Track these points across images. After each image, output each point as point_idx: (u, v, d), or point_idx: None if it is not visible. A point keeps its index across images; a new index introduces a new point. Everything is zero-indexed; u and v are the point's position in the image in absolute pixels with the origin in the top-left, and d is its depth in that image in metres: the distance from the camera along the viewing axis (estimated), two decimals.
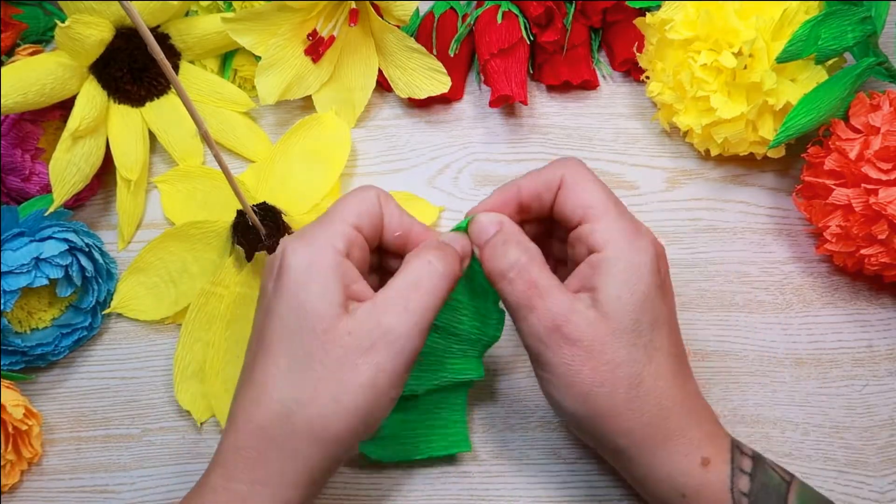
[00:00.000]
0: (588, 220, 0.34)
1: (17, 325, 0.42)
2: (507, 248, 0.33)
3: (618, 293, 0.32)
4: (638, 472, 0.34)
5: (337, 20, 0.47)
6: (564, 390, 0.32)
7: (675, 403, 0.33)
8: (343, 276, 0.32)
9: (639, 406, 0.32)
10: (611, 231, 0.33)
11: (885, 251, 0.40)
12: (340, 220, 0.33)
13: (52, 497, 0.42)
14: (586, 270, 0.33)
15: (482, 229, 0.34)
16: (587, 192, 0.34)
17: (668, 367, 0.33)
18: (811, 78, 0.42)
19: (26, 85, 0.42)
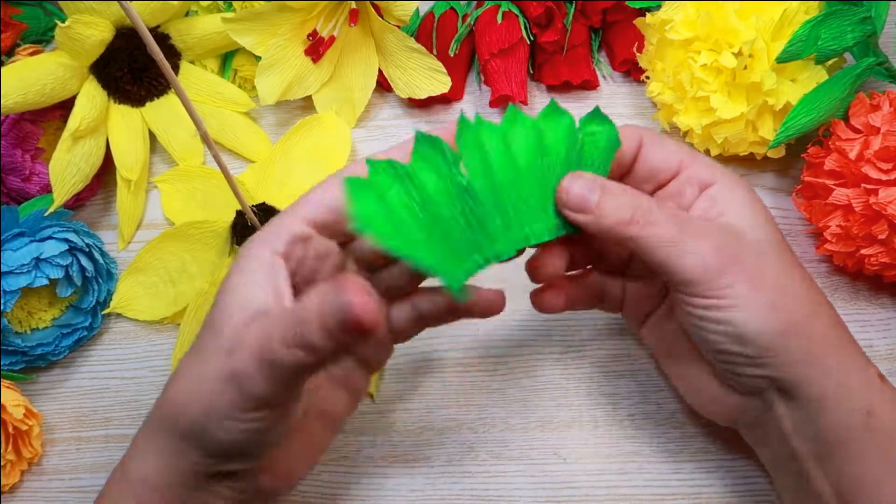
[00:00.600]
0: (686, 165, 0.34)
1: (17, 325, 0.42)
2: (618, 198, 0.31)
3: (750, 211, 0.33)
4: (826, 389, 0.31)
5: (337, 20, 0.47)
6: (752, 308, 0.31)
7: (838, 314, 0.33)
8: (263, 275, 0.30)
9: (815, 311, 0.32)
10: (713, 168, 0.34)
11: (885, 251, 0.40)
12: (293, 214, 0.31)
13: (52, 497, 0.42)
14: (705, 203, 0.33)
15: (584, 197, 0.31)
16: (672, 145, 0.34)
17: (811, 279, 0.34)
18: (811, 78, 0.42)
19: (26, 85, 0.42)
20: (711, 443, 0.41)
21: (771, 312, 0.31)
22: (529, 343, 0.44)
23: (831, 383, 0.31)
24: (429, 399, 0.43)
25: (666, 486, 0.40)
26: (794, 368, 0.31)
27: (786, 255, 0.33)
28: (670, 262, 0.31)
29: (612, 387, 0.42)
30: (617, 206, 0.31)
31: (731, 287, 0.31)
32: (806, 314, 0.32)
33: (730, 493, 0.39)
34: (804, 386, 0.31)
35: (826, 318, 0.33)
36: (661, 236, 0.31)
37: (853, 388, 0.31)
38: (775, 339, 0.31)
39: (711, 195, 0.33)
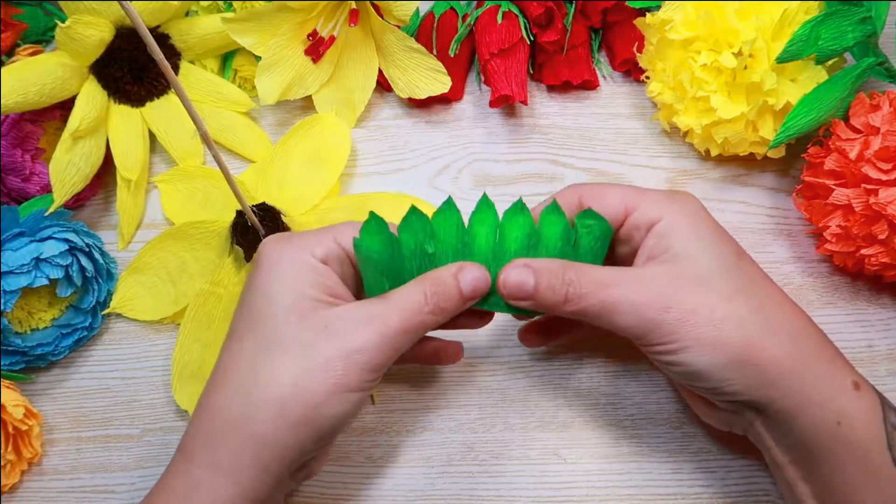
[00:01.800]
0: (632, 208, 0.34)
1: (17, 325, 0.42)
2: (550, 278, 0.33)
3: (695, 238, 0.33)
4: (792, 404, 0.32)
5: (337, 20, 0.47)
6: (696, 348, 0.31)
7: (807, 324, 0.33)
8: (317, 273, 0.33)
9: (773, 328, 0.32)
10: (659, 202, 0.34)
11: (885, 251, 0.40)
12: (330, 235, 0.34)
13: (52, 497, 0.42)
14: (653, 242, 0.34)
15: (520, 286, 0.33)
16: (614, 192, 0.35)
17: (779, 291, 0.34)
18: (811, 78, 0.42)
19: (26, 85, 0.42)
20: (711, 443, 0.41)
21: (713, 349, 0.32)
22: None
23: (794, 399, 0.32)
24: (429, 399, 0.43)
25: (666, 486, 0.40)
26: (754, 392, 0.32)
27: (736, 277, 0.33)
28: (611, 325, 0.33)
29: (612, 387, 0.42)
30: (551, 287, 0.33)
31: (671, 332, 0.32)
32: (755, 339, 0.32)
33: (730, 493, 0.39)
34: (771, 405, 0.32)
35: (784, 335, 0.32)
36: (594, 308, 0.32)
37: (821, 400, 0.32)
38: (725, 370, 0.32)
39: (657, 233, 0.34)
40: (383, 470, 0.41)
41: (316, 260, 0.33)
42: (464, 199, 0.48)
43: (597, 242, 0.35)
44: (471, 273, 0.34)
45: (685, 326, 0.32)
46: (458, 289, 0.33)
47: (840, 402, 0.32)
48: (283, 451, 0.31)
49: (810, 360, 0.32)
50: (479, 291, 0.34)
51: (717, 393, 0.33)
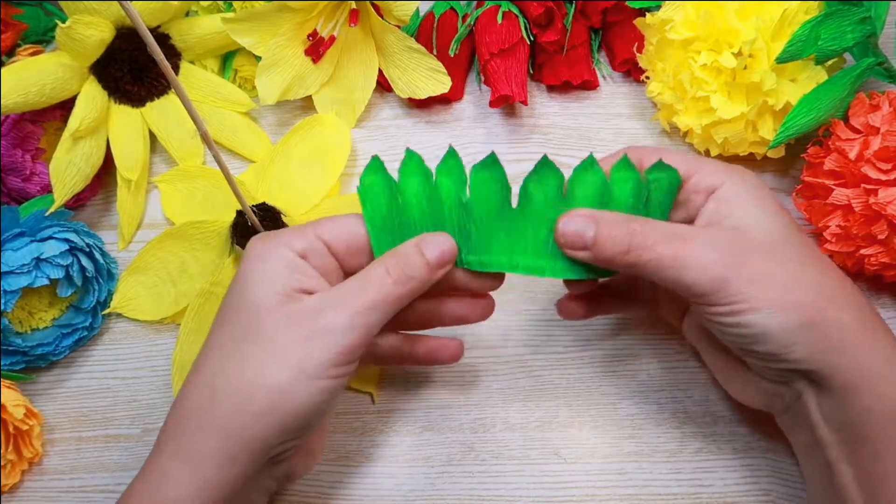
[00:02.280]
0: (692, 173, 0.34)
1: (17, 325, 0.43)
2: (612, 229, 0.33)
3: (757, 208, 0.33)
4: (854, 377, 0.31)
5: (337, 20, 0.48)
6: (765, 309, 0.31)
7: (866, 301, 0.33)
8: (295, 270, 0.33)
9: (842, 297, 0.32)
10: (719, 171, 0.34)
11: (884, 251, 0.40)
12: (311, 230, 0.34)
13: (52, 497, 0.42)
14: (713, 207, 0.34)
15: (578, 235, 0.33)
16: (677, 157, 0.35)
17: (837, 268, 0.33)
18: (811, 78, 0.42)
19: (27, 85, 0.42)
20: (711, 443, 0.41)
21: (784, 310, 0.31)
22: (529, 343, 0.44)
23: (859, 371, 0.31)
24: (429, 399, 0.43)
25: (666, 486, 0.40)
26: (818, 359, 0.31)
27: (796, 247, 0.33)
28: (676, 281, 0.32)
29: (612, 387, 0.42)
30: (612, 237, 0.32)
31: (740, 292, 0.31)
32: (822, 305, 0.31)
33: (730, 493, 0.39)
34: (833, 375, 0.31)
35: (847, 306, 0.32)
36: (660, 259, 0.32)
37: (883, 376, 0.31)
38: (794, 334, 0.31)
39: (717, 198, 0.34)
40: (383, 470, 0.41)
41: (293, 254, 0.33)
42: None
43: (665, 196, 0.34)
44: (433, 238, 0.34)
45: (757, 286, 0.31)
46: (422, 254, 0.33)
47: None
48: (248, 442, 0.31)
49: (878, 334, 0.32)
50: (447, 256, 0.34)
51: (778, 359, 0.32)
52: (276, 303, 0.32)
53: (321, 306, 0.32)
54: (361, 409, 0.43)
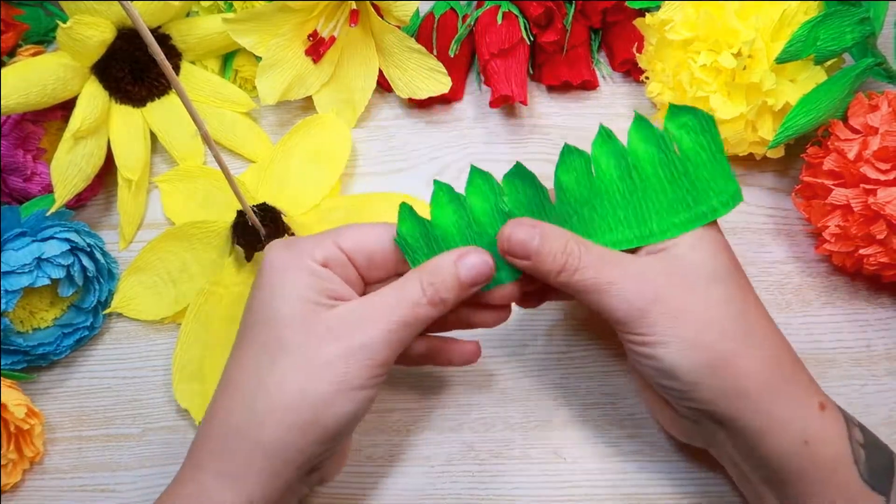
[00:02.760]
0: None
1: (18, 324, 0.43)
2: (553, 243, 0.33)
3: (699, 240, 0.33)
4: (759, 422, 0.32)
5: (337, 21, 0.48)
6: (676, 345, 0.32)
7: (785, 345, 0.33)
8: (317, 276, 0.33)
9: (753, 342, 0.32)
10: None
11: (883, 251, 0.40)
12: (330, 239, 0.34)
13: (53, 496, 0.42)
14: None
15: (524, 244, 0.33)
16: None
17: (763, 309, 0.34)
18: (810, 78, 0.42)
19: (28, 85, 0.42)
20: None
21: (693, 349, 0.32)
22: (529, 343, 0.44)
23: (762, 416, 0.32)
24: (429, 399, 0.43)
25: (666, 486, 0.40)
26: (723, 402, 0.32)
27: (726, 286, 0.33)
28: (599, 305, 0.33)
29: (612, 387, 0.42)
30: (552, 253, 0.33)
31: (656, 325, 0.32)
32: (734, 349, 0.32)
33: (730, 492, 0.39)
34: (737, 419, 0.32)
35: (761, 350, 0.32)
36: (587, 282, 0.32)
37: (787, 419, 0.32)
38: (700, 374, 0.32)
39: None
40: (383, 470, 0.41)
41: (316, 263, 0.33)
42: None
43: (704, 137, 0.34)
44: (471, 259, 0.33)
45: (669, 321, 0.32)
46: (457, 277, 0.33)
47: (807, 422, 0.32)
48: (292, 455, 0.31)
49: (784, 379, 0.33)
50: (482, 277, 0.34)
51: (686, 397, 0.33)
52: (308, 312, 0.32)
53: (357, 318, 0.32)
54: None
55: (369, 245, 0.34)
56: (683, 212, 0.34)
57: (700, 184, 0.34)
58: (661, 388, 0.34)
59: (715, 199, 0.34)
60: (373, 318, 0.32)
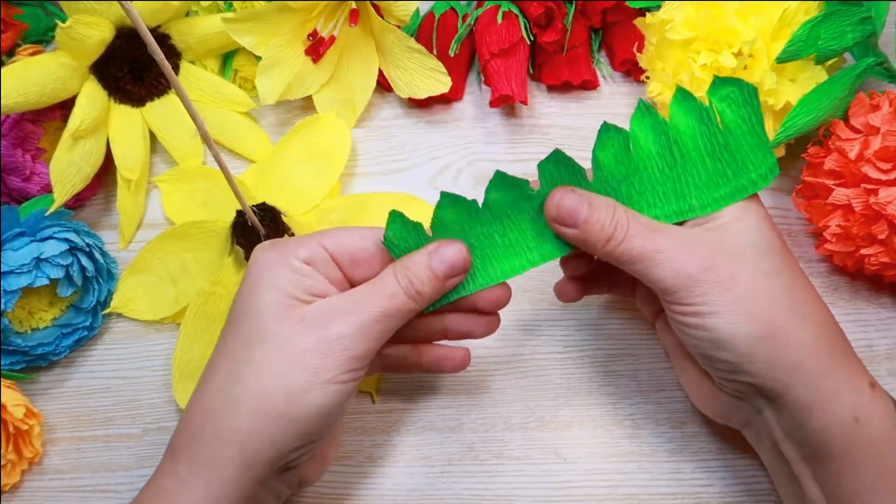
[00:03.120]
0: None
1: (17, 324, 0.43)
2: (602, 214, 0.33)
3: (746, 212, 0.33)
4: (810, 396, 0.31)
5: (337, 20, 0.48)
6: (728, 314, 0.31)
7: (832, 319, 0.33)
8: (298, 273, 0.33)
9: (804, 315, 0.32)
10: None
11: (884, 251, 0.40)
12: (315, 239, 0.34)
13: (52, 496, 0.42)
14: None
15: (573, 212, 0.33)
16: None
17: (811, 284, 0.33)
18: (811, 78, 0.42)
19: (27, 85, 0.42)
20: (711, 443, 0.41)
21: (747, 319, 0.31)
22: (529, 343, 0.44)
23: (814, 390, 0.31)
24: (429, 399, 0.43)
25: (666, 486, 0.40)
26: (775, 375, 0.32)
27: (774, 259, 0.33)
28: (647, 274, 0.32)
29: (612, 387, 0.42)
30: (600, 222, 0.33)
31: (707, 294, 0.31)
32: (785, 321, 0.32)
33: (730, 493, 0.39)
34: (788, 393, 0.32)
35: (812, 324, 0.32)
36: (635, 251, 0.32)
37: (839, 395, 0.31)
38: (753, 345, 0.31)
39: None
40: (383, 470, 0.41)
41: (298, 261, 0.33)
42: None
43: (746, 109, 0.33)
44: (446, 251, 0.33)
45: (722, 290, 0.31)
46: (431, 268, 0.33)
47: (858, 399, 0.31)
48: (264, 447, 0.31)
49: (834, 354, 0.32)
50: (456, 270, 0.34)
51: (737, 370, 0.32)
52: (287, 306, 0.32)
53: (333, 310, 0.32)
54: (361, 409, 0.43)
55: (353, 245, 0.34)
56: (723, 185, 0.34)
57: (740, 156, 0.34)
58: (708, 362, 0.33)
59: (754, 171, 0.34)
60: (349, 310, 0.32)
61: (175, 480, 0.31)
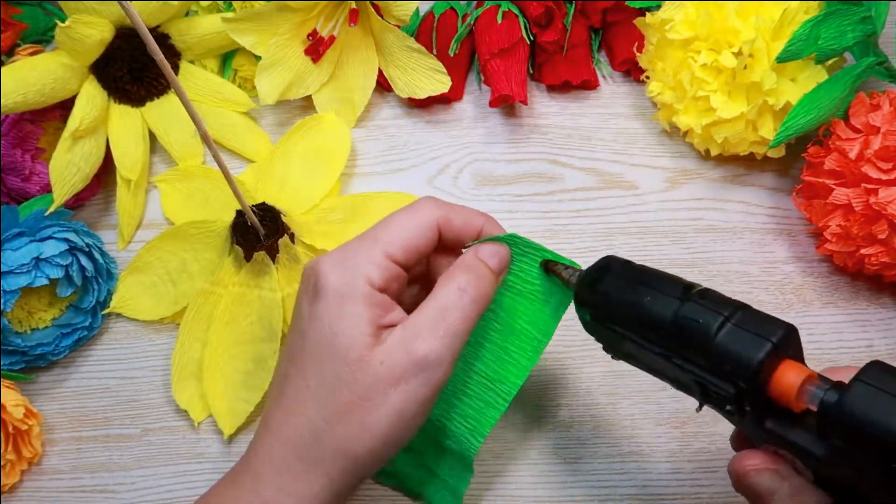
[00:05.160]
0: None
1: (17, 324, 0.42)
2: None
3: None
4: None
5: (337, 20, 0.47)
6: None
7: None
8: (377, 306, 0.32)
9: None
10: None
11: (885, 251, 0.39)
12: (383, 251, 0.33)
13: (52, 497, 0.42)
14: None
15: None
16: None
17: None
18: (811, 78, 0.42)
19: (26, 85, 0.42)
20: (711, 443, 0.41)
21: None
22: None
23: None
24: None
25: (666, 486, 0.40)
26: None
27: None
28: None
29: (612, 387, 0.42)
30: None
31: None
32: None
33: (730, 493, 0.39)
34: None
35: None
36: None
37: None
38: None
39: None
40: None
41: (375, 290, 0.32)
42: (463, 199, 0.48)
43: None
44: (489, 248, 0.34)
45: None
46: (487, 266, 0.34)
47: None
48: (353, 481, 0.33)
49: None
50: (505, 263, 0.35)
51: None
52: (366, 346, 0.32)
53: (408, 343, 0.32)
54: None
55: (420, 245, 0.34)
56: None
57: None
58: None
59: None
60: (424, 339, 0.32)
61: (256, 499, 0.32)
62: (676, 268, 0.45)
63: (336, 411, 0.32)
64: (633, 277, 0.31)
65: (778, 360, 0.27)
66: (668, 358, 0.29)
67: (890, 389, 0.24)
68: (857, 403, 0.25)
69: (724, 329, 0.27)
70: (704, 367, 0.28)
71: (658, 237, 0.46)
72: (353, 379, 0.32)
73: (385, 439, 0.32)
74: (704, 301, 0.29)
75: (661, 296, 0.30)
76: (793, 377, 0.26)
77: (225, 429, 0.42)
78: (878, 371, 0.25)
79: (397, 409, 0.31)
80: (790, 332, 0.27)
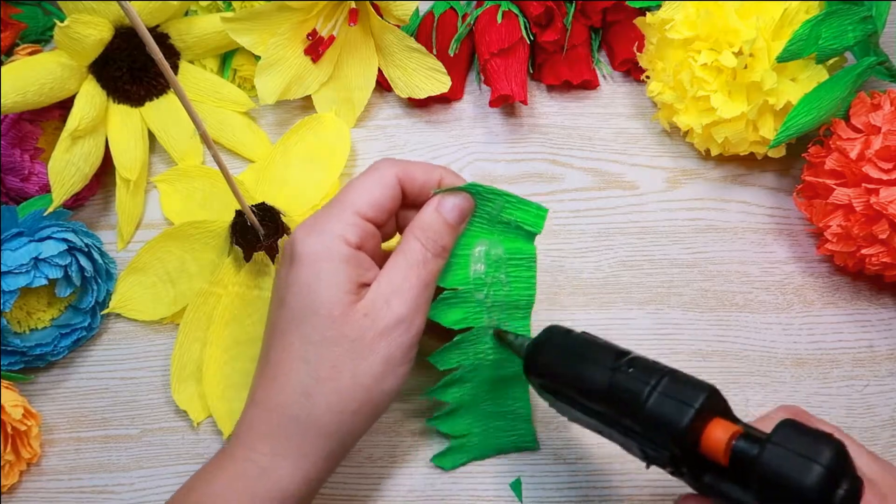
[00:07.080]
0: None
1: (16, 325, 0.42)
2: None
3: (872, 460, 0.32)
4: None
5: (337, 20, 0.47)
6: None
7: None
8: (356, 264, 0.34)
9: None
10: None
11: (885, 251, 0.39)
12: (352, 211, 0.34)
13: (51, 497, 0.42)
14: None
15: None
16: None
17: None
18: (812, 77, 0.42)
19: (25, 84, 0.42)
20: None
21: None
22: None
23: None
24: (429, 399, 0.42)
25: (666, 487, 0.40)
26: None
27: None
28: None
29: None
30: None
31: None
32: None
33: None
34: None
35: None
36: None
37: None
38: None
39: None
40: (384, 470, 0.41)
41: (351, 248, 0.34)
42: None
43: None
44: (450, 201, 0.35)
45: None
46: (446, 222, 0.35)
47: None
48: (347, 438, 0.34)
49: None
50: (465, 213, 0.36)
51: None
52: (348, 303, 0.33)
53: (385, 298, 0.33)
54: None
55: (385, 202, 0.35)
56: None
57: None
58: None
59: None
60: (396, 290, 0.34)
61: (255, 469, 0.33)
62: (677, 268, 0.45)
63: (325, 367, 0.33)
64: (569, 348, 0.33)
65: (704, 421, 0.28)
66: (610, 425, 0.31)
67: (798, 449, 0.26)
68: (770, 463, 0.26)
69: (651, 398, 0.29)
70: (640, 434, 0.29)
71: (658, 237, 0.46)
72: (340, 334, 0.33)
73: (376, 387, 0.33)
74: (633, 371, 0.30)
75: (595, 366, 0.31)
76: (720, 434, 0.28)
77: (224, 429, 0.42)
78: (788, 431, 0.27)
79: (384, 358, 0.33)
80: (712, 394, 0.29)
